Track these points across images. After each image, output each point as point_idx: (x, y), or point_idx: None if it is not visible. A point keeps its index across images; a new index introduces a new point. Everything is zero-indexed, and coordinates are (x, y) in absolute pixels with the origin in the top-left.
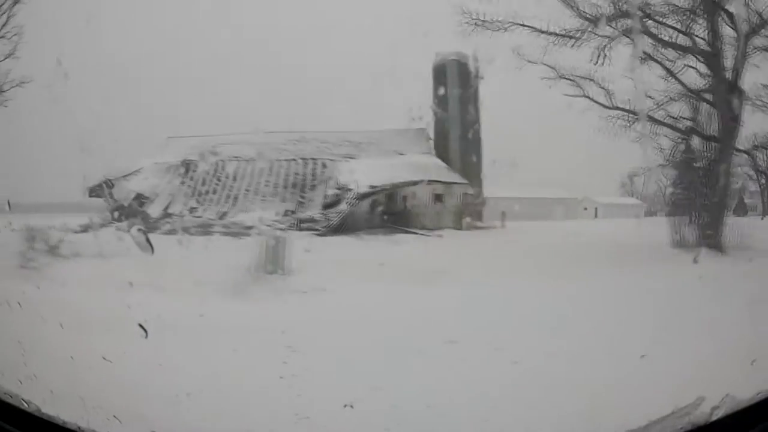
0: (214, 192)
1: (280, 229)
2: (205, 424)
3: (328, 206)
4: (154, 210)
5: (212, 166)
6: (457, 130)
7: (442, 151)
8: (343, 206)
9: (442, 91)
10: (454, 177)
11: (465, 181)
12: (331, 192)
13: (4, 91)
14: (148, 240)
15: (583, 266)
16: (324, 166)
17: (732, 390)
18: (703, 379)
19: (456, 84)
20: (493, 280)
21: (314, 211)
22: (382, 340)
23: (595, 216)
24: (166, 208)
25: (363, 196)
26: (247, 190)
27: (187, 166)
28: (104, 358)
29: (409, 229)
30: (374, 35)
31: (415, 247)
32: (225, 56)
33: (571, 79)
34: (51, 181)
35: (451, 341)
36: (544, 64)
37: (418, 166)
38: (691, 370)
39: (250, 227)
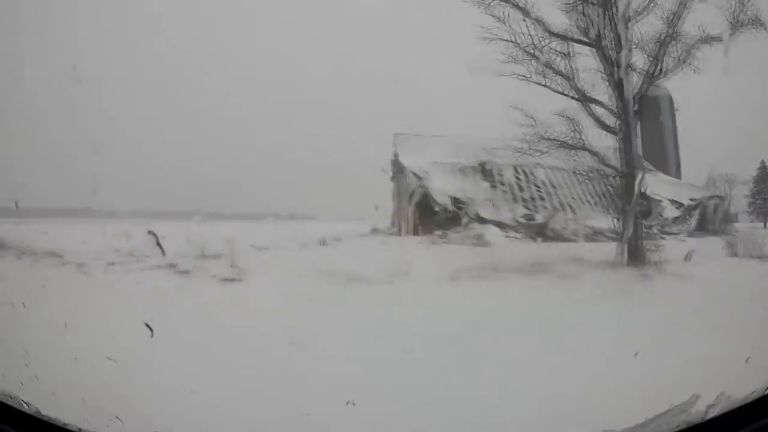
0: (542, 199)
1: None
2: (208, 423)
3: (644, 215)
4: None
5: (517, 171)
6: (673, 157)
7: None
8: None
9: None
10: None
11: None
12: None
13: None
14: (158, 243)
15: None
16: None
17: (727, 389)
18: (698, 377)
19: (669, 115)
20: None
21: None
22: None
23: None
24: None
25: (694, 207)
26: (573, 199)
27: (488, 169)
28: (109, 358)
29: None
30: None
31: None
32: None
33: None
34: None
35: None
36: None
37: (682, 183)
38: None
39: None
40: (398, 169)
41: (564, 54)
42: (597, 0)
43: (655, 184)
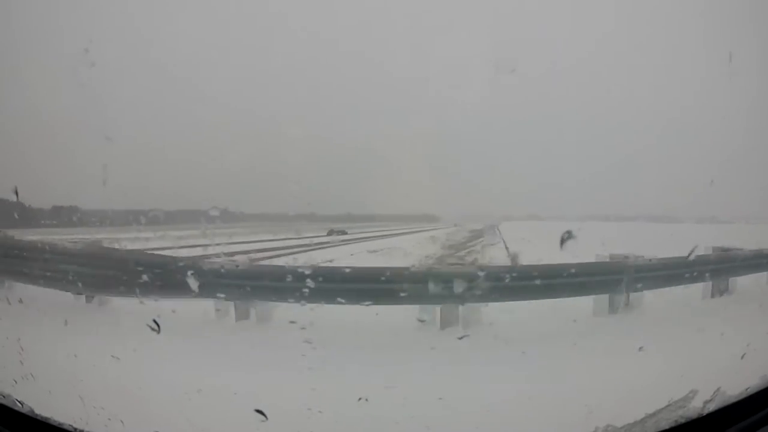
0: None
1: None
2: (214, 422)
3: None
4: None
5: None
6: None
7: None
8: None
9: None
10: None
11: None
12: None
13: None
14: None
15: None
16: None
17: (723, 385)
18: (696, 372)
19: None
20: None
21: None
22: None
23: None
24: None
25: None
26: None
27: None
28: (112, 356)
29: None
30: None
31: None
32: None
33: None
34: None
35: None
36: None
37: None
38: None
39: None
40: None
41: None
42: None
43: None
